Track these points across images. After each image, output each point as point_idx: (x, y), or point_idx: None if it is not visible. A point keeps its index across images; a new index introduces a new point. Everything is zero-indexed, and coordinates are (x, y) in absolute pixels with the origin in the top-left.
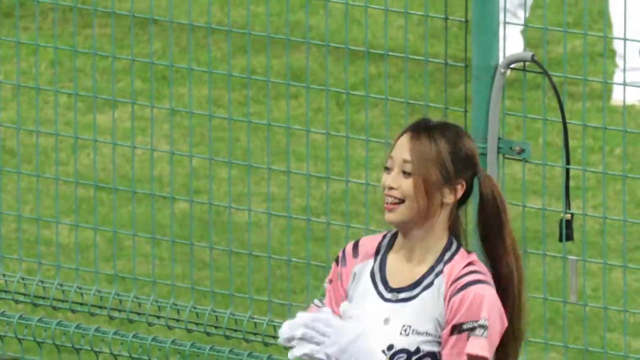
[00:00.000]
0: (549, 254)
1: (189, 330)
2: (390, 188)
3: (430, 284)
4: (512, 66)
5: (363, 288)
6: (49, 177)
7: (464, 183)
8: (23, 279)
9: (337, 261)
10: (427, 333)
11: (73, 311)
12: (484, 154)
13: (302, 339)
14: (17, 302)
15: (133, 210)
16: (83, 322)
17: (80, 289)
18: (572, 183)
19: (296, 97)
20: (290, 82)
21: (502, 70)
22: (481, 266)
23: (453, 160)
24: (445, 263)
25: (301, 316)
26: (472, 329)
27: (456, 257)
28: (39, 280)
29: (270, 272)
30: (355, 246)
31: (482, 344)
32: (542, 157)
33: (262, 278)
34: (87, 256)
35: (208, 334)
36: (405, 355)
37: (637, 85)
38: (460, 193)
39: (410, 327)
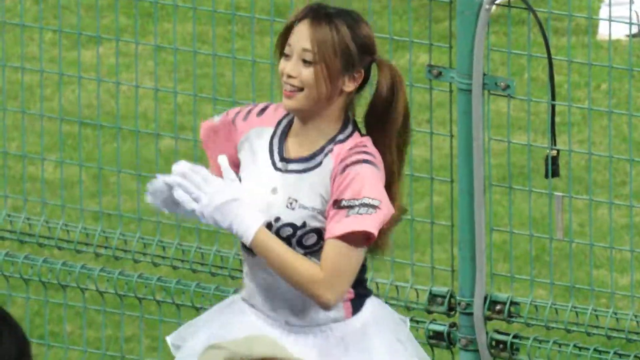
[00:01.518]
0: (535, 190)
1: (175, 267)
2: (290, 76)
3: (320, 163)
4: (496, 2)
5: (257, 151)
6: (34, 114)
7: (362, 71)
8: (9, 215)
9: (235, 112)
10: (312, 208)
11: (59, 248)
12: (469, 90)
13: (177, 186)
14: (3, 239)
15: (118, 147)
16: (69, 259)
17: (66, 226)
18: (557, 119)
19: None
20: (275, 18)
21: (487, 7)
22: (372, 148)
23: (354, 48)
24: (336, 143)
25: (181, 164)
26: (351, 207)
27: (349, 140)
28: (25, 217)
29: None
30: (265, 109)
31: (366, 220)
32: (527, 92)
33: None
34: (73, 193)
35: (194, 271)
36: (291, 229)
37: (623, 20)
38: (359, 81)
39: (296, 200)
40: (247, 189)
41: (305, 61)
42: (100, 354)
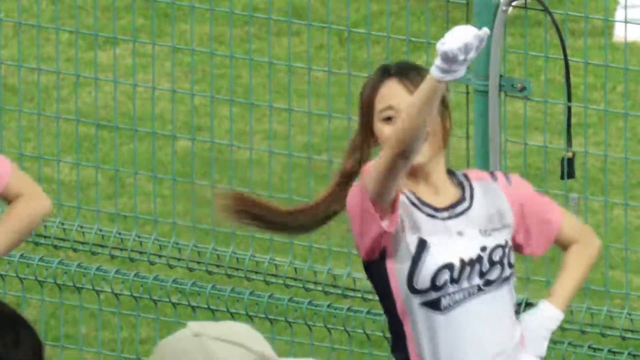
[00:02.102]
0: (551, 191)
1: (191, 269)
2: None
3: (472, 191)
4: (513, 4)
5: (415, 220)
6: (50, 115)
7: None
8: None
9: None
10: (504, 225)
11: (74, 250)
12: (486, 92)
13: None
14: None
15: (134, 148)
16: (84, 261)
17: (81, 227)
18: (573, 120)
19: (298, 34)
20: (292, 20)
21: (504, 8)
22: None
23: None
24: (460, 173)
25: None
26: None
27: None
28: None
29: None
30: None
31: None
32: (544, 94)
33: None
34: (89, 194)
35: (209, 272)
36: (501, 250)
37: (639, 22)
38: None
39: (486, 229)
40: (440, 242)
41: None
42: (116, 356)
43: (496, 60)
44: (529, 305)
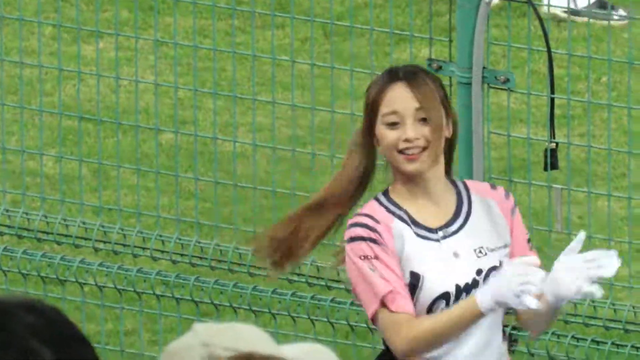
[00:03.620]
0: (535, 182)
1: (174, 262)
2: (415, 139)
3: (470, 205)
4: None
5: (409, 242)
6: (33, 109)
7: (452, 115)
8: (7, 210)
9: (363, 239)
10: (503, 246)
11: (58, 243)
12: (469, 84)
13: None
14: (1, 234)
15: (118, 142)
16: (68, 254)
17: (65, 220)
18: (557, 112)
19: (282, 27)
20: (276, 13)
21: (487, 0)
22: None
23: (443, 95)
24: (461, 184)
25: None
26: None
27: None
28: (23, 212)
29: (256, 203)
30: (369, 216)
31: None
32: (527, 86)
33: (248, 208)
34: (72, 187)
35: (193, 265)
36: (495, 272)
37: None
38: (451, 124)
39: (482, 247)
40: (435, 270)
41: (422, 120)
42: (100, 348)
43: (479, 53)
44: None
